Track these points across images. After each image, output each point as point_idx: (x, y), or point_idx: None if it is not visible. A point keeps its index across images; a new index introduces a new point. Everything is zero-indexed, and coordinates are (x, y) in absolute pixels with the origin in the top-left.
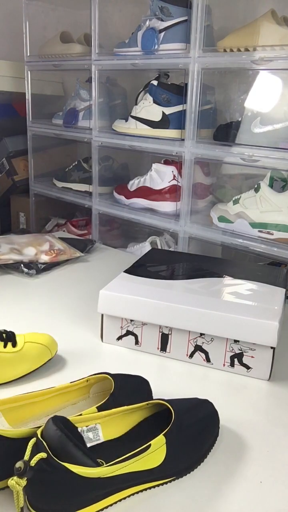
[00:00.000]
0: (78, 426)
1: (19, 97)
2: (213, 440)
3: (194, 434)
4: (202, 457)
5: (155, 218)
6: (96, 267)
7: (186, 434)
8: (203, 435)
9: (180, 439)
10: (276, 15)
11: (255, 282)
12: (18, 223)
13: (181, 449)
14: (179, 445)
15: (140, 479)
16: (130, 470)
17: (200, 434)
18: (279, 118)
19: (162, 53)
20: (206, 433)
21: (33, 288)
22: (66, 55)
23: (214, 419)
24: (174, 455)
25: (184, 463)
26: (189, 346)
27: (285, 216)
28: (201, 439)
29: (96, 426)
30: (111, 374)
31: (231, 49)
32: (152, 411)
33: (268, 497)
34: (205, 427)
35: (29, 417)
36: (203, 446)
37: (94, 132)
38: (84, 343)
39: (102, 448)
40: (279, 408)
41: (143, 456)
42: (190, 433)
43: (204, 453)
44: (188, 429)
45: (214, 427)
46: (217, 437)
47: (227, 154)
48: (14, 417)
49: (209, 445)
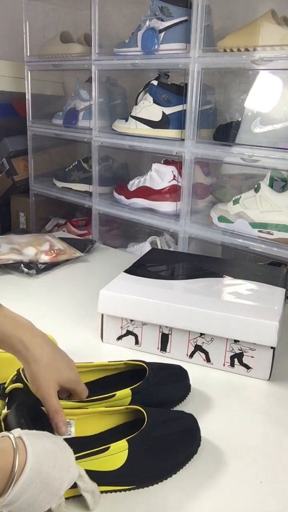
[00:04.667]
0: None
1: (19, 97)
2: (188, 455)
3: (164, 445)
4: (171, 470)
5: (155, 218)
6: (96, 267)
7: (153, 444)
8: (175, 448)
9: (146, 448)
10: (276, 15)
11: (255, 282)
12: (18, 223)
13: (144, 457)
14: (143, 453)
15: (96, 479)
16: (85, 468)
17: (171, 446)
18: (279, 118)
19: (162, 53)
20: (180, 446)
21: (33, 288)
22: (66, 55)
23: (193, 434)
24: (136, 462)
25: (146, 472)
26: (189, 346)
27: (285, 216)
28: (173, 452)
29: (69, 421)
30: (146, 362)
31: (231, 49)
32: (137, 416)
33: (268, 497)
34: (179, 440)
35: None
36: (174, 459)
37: (94, 132)
38: (84, 343)
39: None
40: (279, 408)
41: (100, 457)
42: (159, 444)
43: (173, 466)
44: (158, 440)
45: (191, 443)
46: (194, 454)
47: (227, 154)
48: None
49: (182, 460)
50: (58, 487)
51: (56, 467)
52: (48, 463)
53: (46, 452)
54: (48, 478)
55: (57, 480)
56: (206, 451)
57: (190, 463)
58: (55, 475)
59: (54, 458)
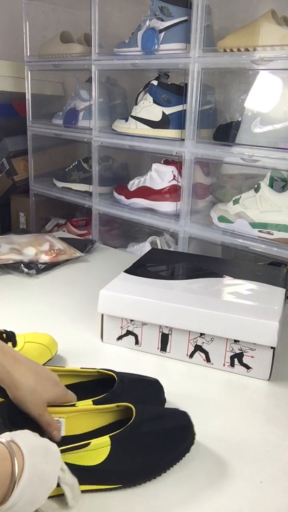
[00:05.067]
0: None
1: (19, 97)
2: (180, 453)
3: (153, 442)
4: (160, 468)
5: (155, 218)
6: (96, 267)
7: (141, 441)
8: (165, 445)
9: (132, 445)
10: (276, 15)
11: (255, 282)
12: (18, 223)
13: (130, 454)
14: (129, 450)
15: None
16: (65, 461)
17: (161, 444)
18: (279, 118)
19: (162, 53)
20: (170, 444)
21: (33, 288)
22: (66, 55)
23: (185, 432)
24: (119, 459)
25: (131, 469)
26: (189, 346)
27: (285, 216)
28: (162, 449)
29: (59, 420)
30: (116, 372)
31: (231, 49)
32: (131, 414)
33: (268, 497)
34: (168, 439)
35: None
36: (163, 457)
37: (94, 132)
38: (84, 343)
39: (61, 442)
40: (279, 408)
41: (80, 452)
42: (148, 441)
43: (163, 464)
44: (146, 436)
45: (183, 441)
46: (186, 452)
47: (227, 154)
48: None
49: (173, 457)
50: (52, 480)
51: (48, 462)
52: (41, 460)
53: (38, 450)
54: (43, 474)
55: (51, 474)
56: (206, 451)
57: (190, 463)
58: (48, 469)
59: (45, 453)
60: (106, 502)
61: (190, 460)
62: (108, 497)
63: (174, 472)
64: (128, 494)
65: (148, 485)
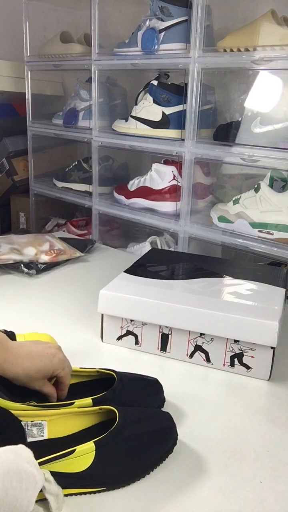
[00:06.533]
0: (23, 420)
1: (19, 97)
2: (162, 455)
3: (137, 445)
4: (143, 470)
5: (155, 218)
6: (96, 267)
7: (125, 444)
8: (146, 448)
9: (116, 449)
10: (276, 15)
11: (255, 282)
12: (18, 223)
13: (114, 458)
14: (113, 454)
15: (61, 481)
16: (50, 470)
17: (144, 446)
18: (279, 118)
19: (162, 53)
20: (151, 447)
21: (33, 288)
22: (66, 55)
23: (167, 433)
24: (104, 464)
25: (115, 473)
26: (189, 346)
27: (285, 216)
28: (145, 451)
29: (41, 423)
30: (116, 371)
31: (231, 49)
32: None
33: (268, 497)
34: (151, 441)
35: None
36: (146, 459)
37: (94, 132)
38: (84, 343)
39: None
40: (279, 408)
41: (66, 459)
42: (131, 444)
43: (146, 466)
44: (130, 440)
45: (165, 442)
46: (169, 453)
47: (227, 154)
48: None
49: (154, 460)
50: (26, 505)
51: (22, 488)
52: (14, 485)
53: (11, 474)
54: (16, 501)
55: (24, 500)
56: (206, 451)
57: (190, 463)
58: (22, 495)
59: (20, 478)
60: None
61: (190, 460)
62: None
63: (175, 471)
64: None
65: (133, 486)
